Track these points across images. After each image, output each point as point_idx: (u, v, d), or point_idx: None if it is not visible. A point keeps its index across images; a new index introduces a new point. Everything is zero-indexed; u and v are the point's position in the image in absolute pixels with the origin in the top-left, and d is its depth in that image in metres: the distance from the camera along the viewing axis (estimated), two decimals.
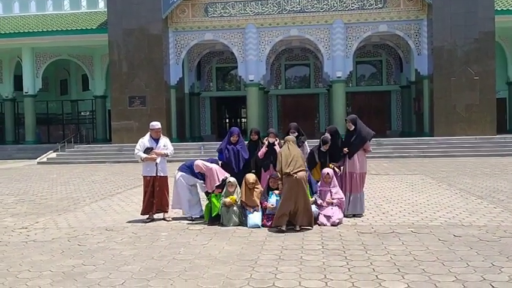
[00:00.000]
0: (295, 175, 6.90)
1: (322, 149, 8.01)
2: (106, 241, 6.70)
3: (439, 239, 6.30)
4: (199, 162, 7.89)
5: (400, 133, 29.49)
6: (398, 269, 5.05)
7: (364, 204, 8.13)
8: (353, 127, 8.03)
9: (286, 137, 7.58)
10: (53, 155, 24.45)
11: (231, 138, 8.21)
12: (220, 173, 7.71)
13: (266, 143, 8.14)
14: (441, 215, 7.92)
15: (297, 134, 8.29)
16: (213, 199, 7.65)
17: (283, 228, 6.89)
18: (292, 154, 7.07)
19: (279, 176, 7.13)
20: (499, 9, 23.49)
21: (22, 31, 26.82)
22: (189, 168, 7.99)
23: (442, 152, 20.92)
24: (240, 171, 8.05)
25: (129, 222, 8.06)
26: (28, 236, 7.19)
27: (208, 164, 7.84)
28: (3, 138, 31.52)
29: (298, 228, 6.94)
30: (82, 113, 33.19)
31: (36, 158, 23.96)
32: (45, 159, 23.58)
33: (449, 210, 8.38)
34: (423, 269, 5.03)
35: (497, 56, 23.95)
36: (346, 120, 8.28)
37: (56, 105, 33.57)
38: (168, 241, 6.60)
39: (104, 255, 5.92)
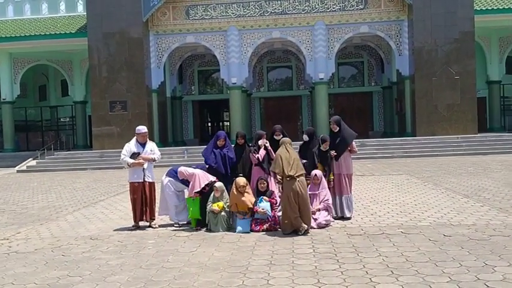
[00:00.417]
0: (298, 178, 6.83)
1: (322, 148, 7.90)
2: (91, 251, 6.52)
3: (430, 239, 6.27)
4: (182, 169, 7.75)
5: (382, 134, 29.65)
6: (391, 271, 4.99)
7: (353, 206, 8.08)
8: (337, 128, 7.99)
9: (283, 138, 7.50)
10: (33, 162, 23.97)
11: (218, 142, 8.08)
12: (202, 179, 7.56)
13: (264, 145, 7.97)
14: (429, 215, 7.91)
15: (281, 136, 8.21)
16: (188, 202, 7.52)
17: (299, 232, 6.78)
18: (292, 157, 6.99)
19: (279, 178, 7.03)
20: (478, 8, 23.78)
21: None
22: (177, 174, 7.84)
23: (425, 151, 21.08)
24: (229, 175, 7.94)
25: (115, 230, 7.88)
26: (10, 247, 6.96)
27: (190, 169, 7.70)
28: None
29: (306, 229, 6.80)
30: (62, 119, 32.62)
31: (15, 166, 23.45)
32: (24, 167, 23.09)
33: (437, 209, 8.38)
34: (416, 271, 4.98)
35: (477, 55, 24.24)
36: (330, 122, 8.25)
37: (34, 111, 32.94)
38: (156, 249, 6.44)
39: (90, 266, 5.74)
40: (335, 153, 7.88)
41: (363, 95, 31.32)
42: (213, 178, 7.63)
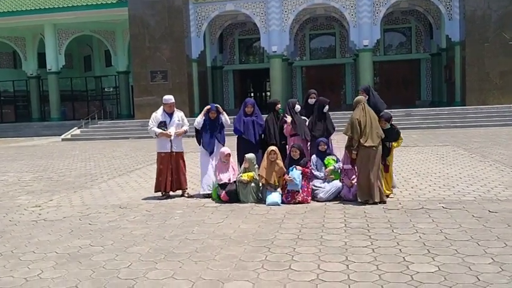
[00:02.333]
0: (374, 148, 6.52)
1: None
2: (118, 220, 6.42)
3: (473, 216, 5.78)
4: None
5: (430, 103, 28.46)
6: (428, 250, 4.58)
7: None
8: (367, 97, 7.47)
9: (358, 97, 6.96)
10: (77, 131, 24.51)
11: (246, 109, 7.76)
12: (223, 174, 7.37)
13: (288, 119, 7.59)
14: (475, 189, 7.36)
15: (315, 99, 7.81)
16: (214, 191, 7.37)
17: (370, 201, 6.52)
18: (371, 121, 6.59)
19: (352, 144, 6.58)
20: None
21: (43, 7, 26.65)
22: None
23: (474, 121, 20.02)
24: (257, 142, 7.65)
25: (144, 199, 7.78)
26: (40, 214, 6.98)
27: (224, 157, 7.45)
28: (29, 115, 31.80)
29: (377, 200, 6.52)
30: (106, 89, 33.14)
31: (61, 135, 24.05)
32: (69, 136, 23.65)
33: (484, 183, 7.80)
34: (456, 250, 4.55)
35: None
36: (358, 90, 7.73)
37: (80, 81, 33.60)
38: (182, 219, 6.27)
39: (114, 235, 5.63)
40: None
41: (409, 62, 30.01)
42: (230, 176, 7.33)
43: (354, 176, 6.95)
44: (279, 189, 6.99)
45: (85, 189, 9.05)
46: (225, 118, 7.83)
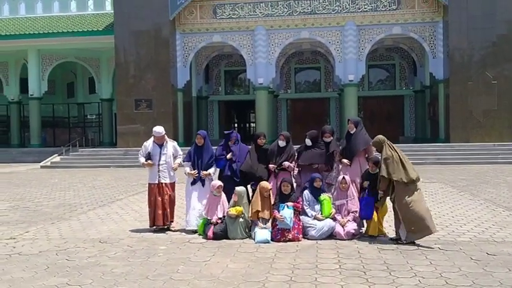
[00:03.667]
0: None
1: (369, 169, 6.94)
2: (98, 255, 6.03)
3: (471, 258, 5.56)
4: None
5: (413, 139, 28.61)
6: None
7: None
8: (354, 129, 7.33)
9: (380, 136, 6.67)
10: (57, 158, 23.91)
11: (229, 143, 7.58)
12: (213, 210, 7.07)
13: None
14: (469, 229, 7.17)
15: (331, 138, 7.52)
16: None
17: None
18: (403, 156, 6.39)
19: (384, 184, 6.33)
20: None
21: (28, 33, 26.38)
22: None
23: (459, 158, 20.07)
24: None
25: (126, 233, 7.40)
26: (14, 247, 6.55)
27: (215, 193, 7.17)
28: (8, 141, 31.05)
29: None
30: (88, 116, 32.67)
31: (40, 162, 23.42)
32: (48, 163, 23.04)
33: (477, 223, 7.62)
34: None
35: None
36: (348, 120, 7.56)
37: (62, 108, 33.09)
38: (166, 256, 5.92)
39: (93, 273, 5.25)
40: (348, 162, 7.21)
41: (393, 98, 30.31)
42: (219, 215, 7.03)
43: (349, 215, 6.71)
44: (268, 224, 6.71)
45: (63, 220, 8.62)
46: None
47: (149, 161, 7.42)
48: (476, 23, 22.08)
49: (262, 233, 6.59)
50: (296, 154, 7.41)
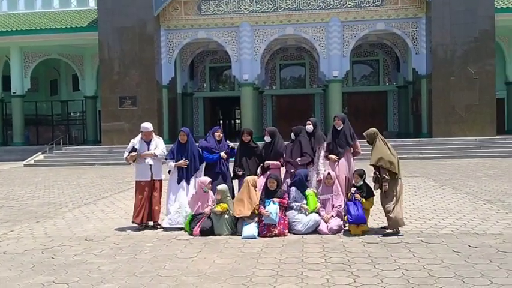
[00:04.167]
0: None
1: (354, 182, 7.05)
2: (84, 253, 6.03)
3: (454, 250, 5.68)
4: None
5: (397, 134, 28.92)
6: None
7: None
8: (341, 125, 7.41)
9: (373, 129, 6.92)
10: (41, 157, 23.68)
11: (216, 134, 7.65)
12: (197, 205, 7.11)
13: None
14: (451, 222, 7.31)
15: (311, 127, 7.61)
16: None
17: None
18: (394, 152, 6.74)
19: (386, 177, 6.51)
20: (499, 7, 22.94)
21: (10, 29, 26.01)
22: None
23: (442, 153, 20.37)
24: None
25: (112, 230, 7.39)
26: None
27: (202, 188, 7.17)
28: None
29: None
30: (72, 114, 32.34)
31: (23, 160, 23.17)
32: (32, 162, 22.81)
33: (459, 216, 7.77)
34: None
35: (496, 55, 23.42)
36: (335, 117, 7.64)
37: (45, 105, 32.69)
38: (153, 253, 5.94)
39: (79, 271, 5.26)
40: (337, 158, 7.29)
41: (377, 94, 30.57)
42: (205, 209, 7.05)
43: (333, 210, 6.80)
44: (255, 219, 6.77)
45: (48, 219, 8.58)
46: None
47: (132, 153, 7.37)
48: (459, 19, 22.35)
49: (249, 228, 6.64)
50: (285, 149, 7.54)
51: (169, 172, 7.54)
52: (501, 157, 19.40)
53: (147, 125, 7.57)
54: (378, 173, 6.63)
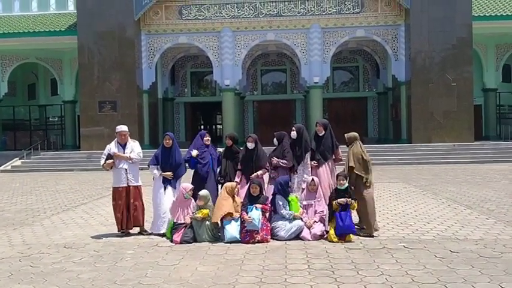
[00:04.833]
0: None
1: (338, 185, 6.99)
2: (63, 261, 5.90)
3: (436, 256, 5.72)
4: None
5: (376, 140, 29.18)
6: None
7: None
8: (323, 132, 7.42)
9: (353, 134, 7.20)
10: (18, 162, 23.23)
11: (205, 139, 7.66)
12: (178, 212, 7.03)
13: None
14: (432, 227, 7.37)
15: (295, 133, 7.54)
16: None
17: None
18: (369, 159, 7.03)
19: (368, 181, 6.96)
20: (476, 15, 23.38)
21: None
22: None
23: (421, 159, 20.60)
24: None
25: (92, 237, 7.26)
26: None
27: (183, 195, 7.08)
28: None
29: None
30: (51, 119, 31.81)
31: (0, 166, 22.69)
32: (9, 167, 22.35)
33: (440, 221, 7.84)
34: None
35: (473, 63, 23.85)
36: (316, 123, 7.64)
37: (23, 110, 32.09)
38: (134, 261, 5.84)
39: (58, 280, 5.14)
40: (315, 164, 7.31)
41: (357, 100, 30.84)
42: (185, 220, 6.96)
43: (316, 216, 6.80)
44: (238, 220, 6.71)
45: (26, 226, 8.39)
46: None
47: (108, 161, 7.23)
48: (437, 27, 22.71)
49: (231, 229, 6.59)
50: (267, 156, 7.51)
51: (153, 179, 7.46)
52: (479, 163, 19.71)
53: (122, 126, 7.51)
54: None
